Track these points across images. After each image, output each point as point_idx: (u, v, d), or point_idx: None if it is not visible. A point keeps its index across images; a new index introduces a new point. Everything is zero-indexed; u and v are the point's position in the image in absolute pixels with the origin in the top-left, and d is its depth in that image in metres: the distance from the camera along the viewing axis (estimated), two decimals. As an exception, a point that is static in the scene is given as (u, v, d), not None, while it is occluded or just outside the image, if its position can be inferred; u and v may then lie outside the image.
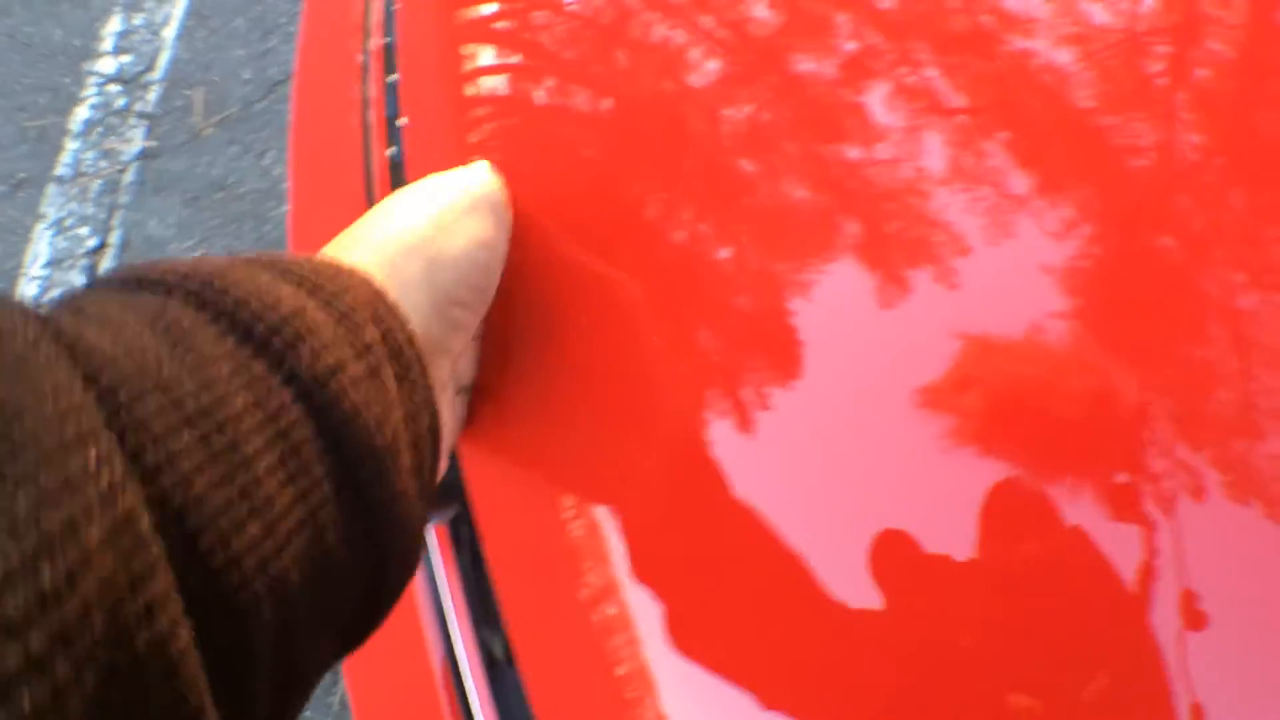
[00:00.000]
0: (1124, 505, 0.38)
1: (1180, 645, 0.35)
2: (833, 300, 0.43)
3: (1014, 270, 0.43)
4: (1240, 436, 0.38)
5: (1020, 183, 0.44)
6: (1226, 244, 0.42)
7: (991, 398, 0.41)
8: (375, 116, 0.67)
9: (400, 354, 0.35)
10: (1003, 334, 0.41)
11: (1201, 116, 0.45)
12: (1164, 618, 0.36)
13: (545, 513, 0.45)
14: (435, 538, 0.51)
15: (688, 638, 0.40)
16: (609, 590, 0.42)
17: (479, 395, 0.48)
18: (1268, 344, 0.39)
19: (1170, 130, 0.45)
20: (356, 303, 0.34)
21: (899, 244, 0.43)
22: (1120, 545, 0.37)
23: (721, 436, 0.41)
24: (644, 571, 0.42)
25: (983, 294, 0.43)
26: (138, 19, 1.88)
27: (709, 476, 0.41)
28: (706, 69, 0.51)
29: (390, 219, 0.42)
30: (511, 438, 0.48)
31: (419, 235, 0.41)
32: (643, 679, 0.40)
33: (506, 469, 0.49)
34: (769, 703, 0.38)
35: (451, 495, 0.49)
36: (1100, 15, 0.47)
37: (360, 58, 0.72)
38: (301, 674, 0.30)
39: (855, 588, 0.38)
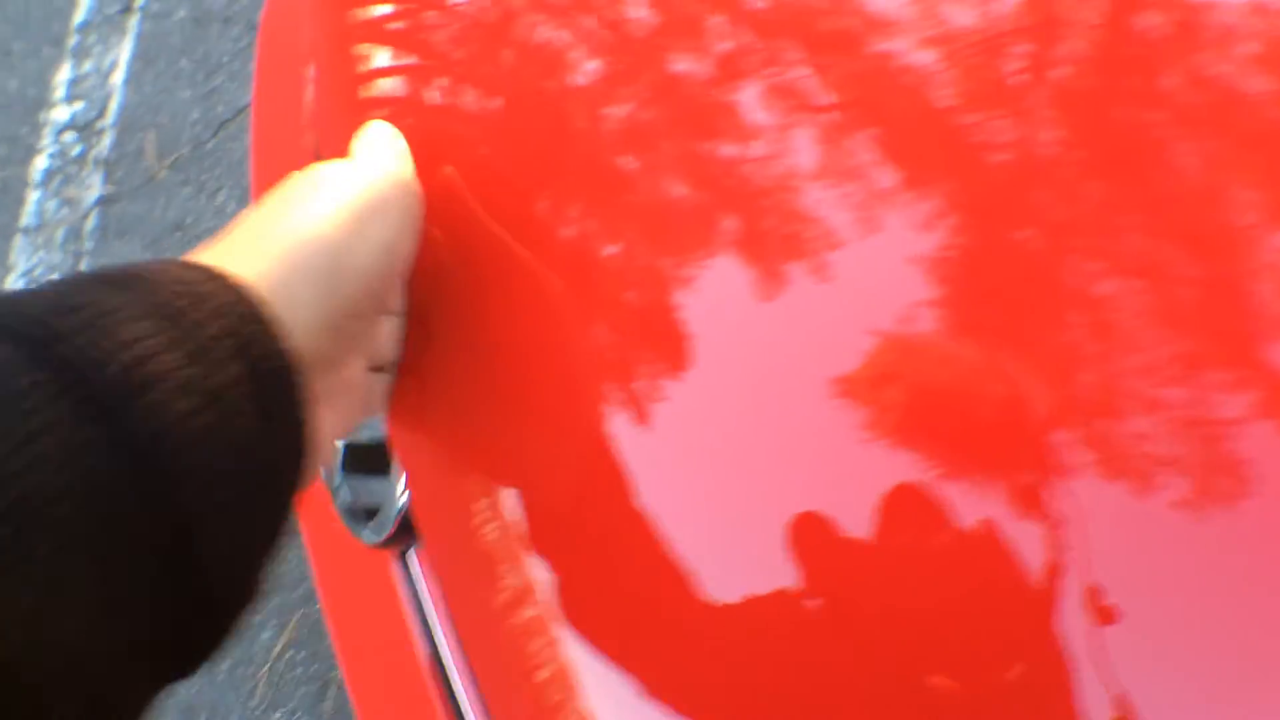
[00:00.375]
0: (996, 495, 0.39)
1: (1087, 626, 0.37)
2: (718, 290, 0.45)
3: (887, 264, 0.44)
4: (1104, 417, 0.39)
5: (888, 178, 0.45)
6: (1087, 234, 0.43)
7: (881, 390, 0.42)
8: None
9: (268, 387, 0.33)
10: (880, 327, 0.42)
11: (1058, 113, 0.45)
12: (1070, 602, 0.37)
13: (472, 496, 0.47)
14: (417, 561, 0.61)
15: (597, 620, 0.44)
16: (534, 577, 0.45)
17: (408, 373, 0.50)
18: (1127, 328, 0.40)
19: (1028, 127, 0.46)
20: (223, 332, 0.32)
21: (778, 239, 0.45)
22: (1010, 533, 0.38)
23: (620, 433, 0.44)
24: (565, 558, 0.45)
25: (858, 287, 0.44)
26: (86, 65, 1.91)
27: (616, 471, 0.43)
28: (587, 69, 0.52)
29: (291, 220, 0.39)
30: (438, 420, 0.50)
31: (319, 245, 0.39)
32: (567, 667, 0.43)
33: (436, 452, 0.51)
34: (691, 697, 0.41)
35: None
36: (960, 17, 0.48)
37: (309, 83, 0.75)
38: None
39: (761, 577, 0.40)
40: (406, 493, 0.53)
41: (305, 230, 0.39)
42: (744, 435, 0.43)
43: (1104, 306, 0.41)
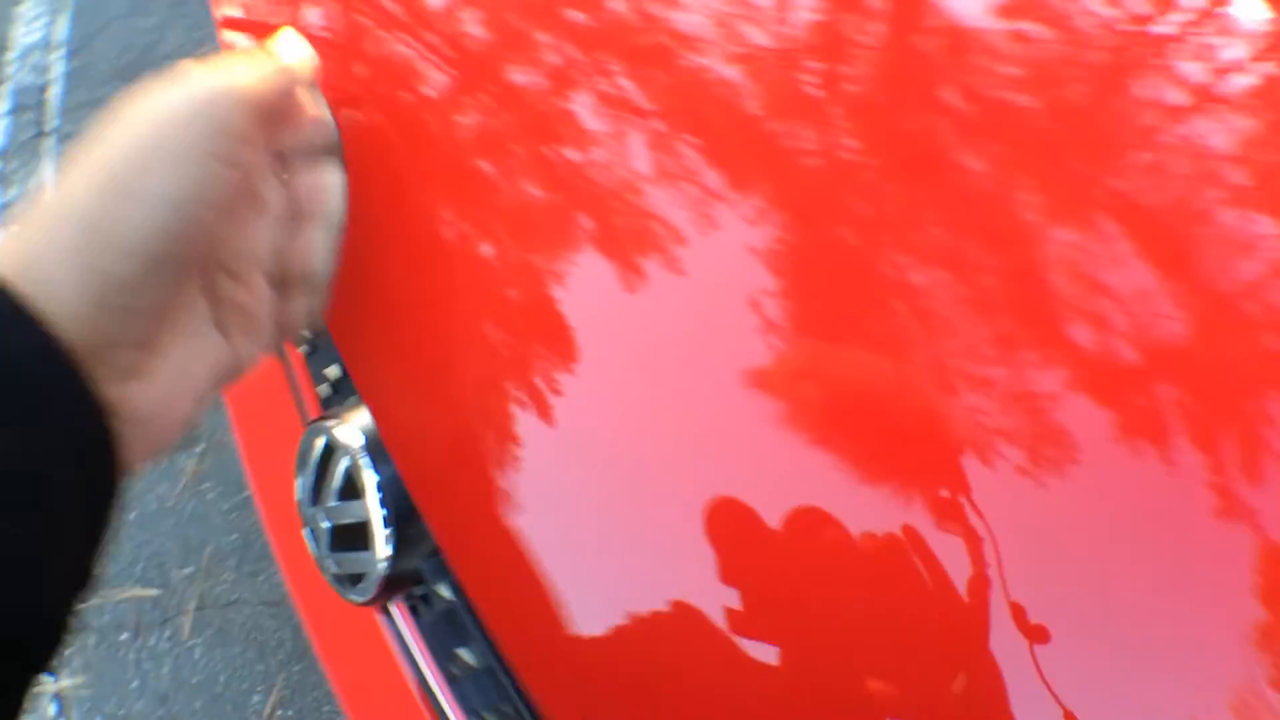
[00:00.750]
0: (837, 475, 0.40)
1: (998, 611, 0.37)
2: (587, 284, 0.46)
3: (726, 261, 0.45)
4: (940, 394, 0.40)
5: (714, 180, 0.46)
6: (897, 230, 0.44)
7: (743, 381, 0.43)
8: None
9: (13, 398, 0.30)
10: (730, 321, 0.44)
11: (855, 123, 0.47)
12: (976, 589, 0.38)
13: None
14: (398, 611, 0.72)
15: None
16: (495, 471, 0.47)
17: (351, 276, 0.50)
18: (944, 316, 0.42)
19: (830, 134, 0.47)
20: None
21: (630, 236, 0.46)
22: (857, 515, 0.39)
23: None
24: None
25: (703, 281, 0.45)
26: (12, 191, 1.95)
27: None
28: (436, 80, 0.53)
29: (61, 184, 0.34)
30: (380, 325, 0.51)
31: (71, 217, 0.33)
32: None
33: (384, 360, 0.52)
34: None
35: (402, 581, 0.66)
36: (758, 36, 0.50)
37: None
38: None
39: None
40: (386, 561, 0.64)
41: (63, 198, 0.34)
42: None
43: (922, 295, 0.42)
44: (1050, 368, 0.41)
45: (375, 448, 0.61)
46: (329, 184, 0.46)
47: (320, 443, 0.66)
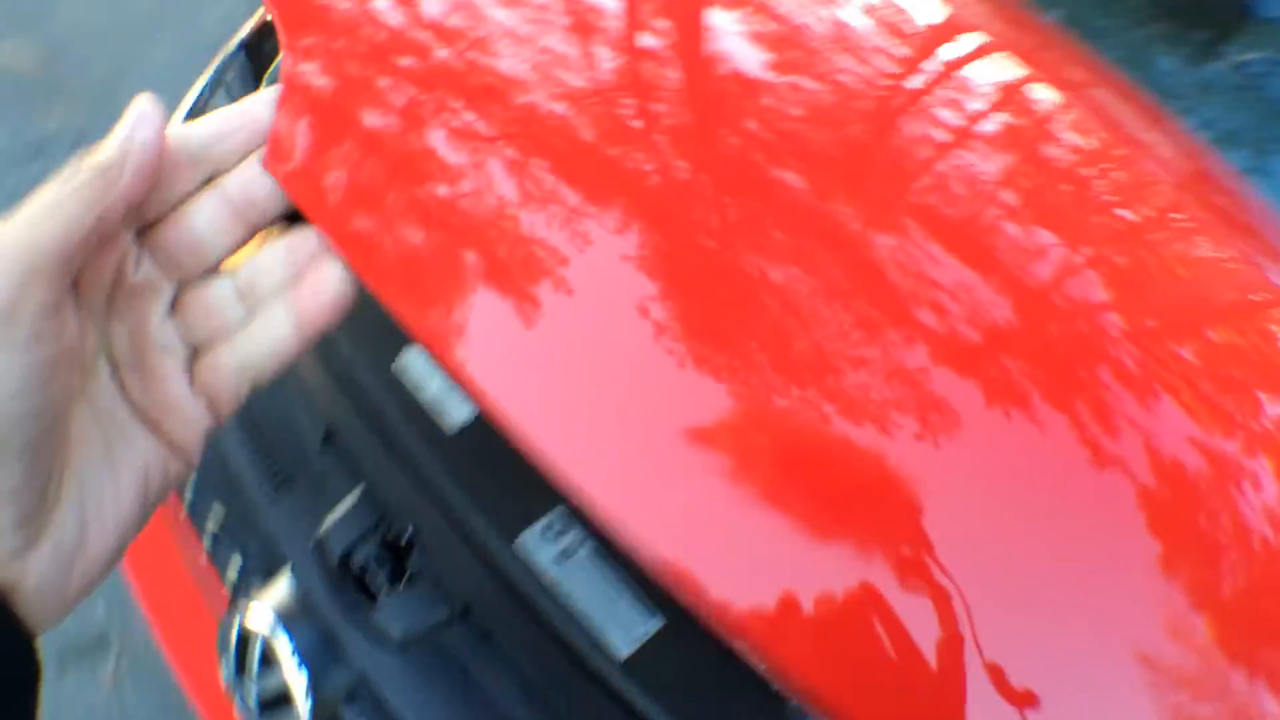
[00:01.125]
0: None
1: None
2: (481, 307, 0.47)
3: (605, 271, 0.46)
4: (821, 377, 0.42)
5: (573, 198, 0.48)
6: (745, 235, 0.46)
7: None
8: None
9: None
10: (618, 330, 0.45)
11: (682, 148, 0.50)
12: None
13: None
14: None
15: None
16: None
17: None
18: (809, 305, 0.44)
19: (662, 157, 0.50)
20: None
21: (518, 262, 0.47)
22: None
23: None
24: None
25: (590, 292, 0.46)
26: None
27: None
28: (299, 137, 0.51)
29: None
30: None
31: None
32: None
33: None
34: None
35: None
36: (574, 79, 0.53)
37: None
38: None
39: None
40: (310, 716, 0.72)
41: None
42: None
43: (784, 290, 0.44)
44: (910, 346, 0.44)
45: (288, 617, 0.69)
46: (215, 231, 0.39)
47: (235, 628, 0.75)
